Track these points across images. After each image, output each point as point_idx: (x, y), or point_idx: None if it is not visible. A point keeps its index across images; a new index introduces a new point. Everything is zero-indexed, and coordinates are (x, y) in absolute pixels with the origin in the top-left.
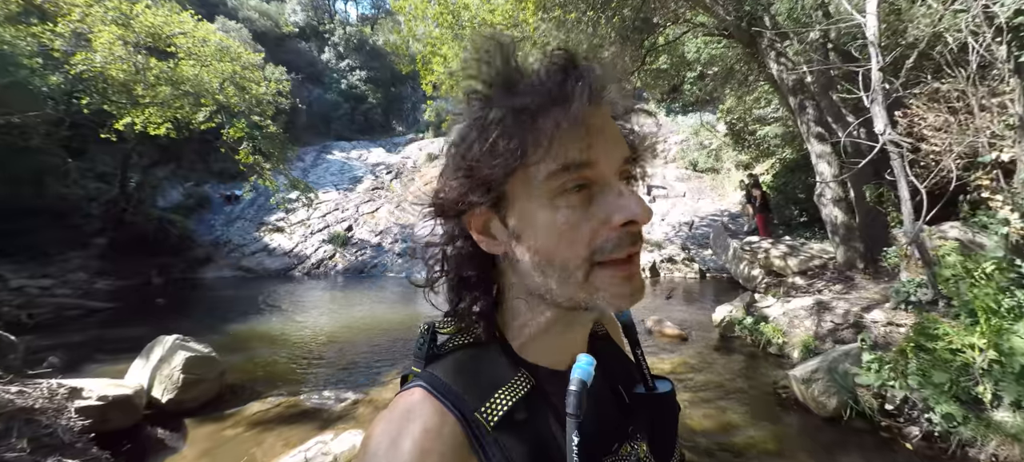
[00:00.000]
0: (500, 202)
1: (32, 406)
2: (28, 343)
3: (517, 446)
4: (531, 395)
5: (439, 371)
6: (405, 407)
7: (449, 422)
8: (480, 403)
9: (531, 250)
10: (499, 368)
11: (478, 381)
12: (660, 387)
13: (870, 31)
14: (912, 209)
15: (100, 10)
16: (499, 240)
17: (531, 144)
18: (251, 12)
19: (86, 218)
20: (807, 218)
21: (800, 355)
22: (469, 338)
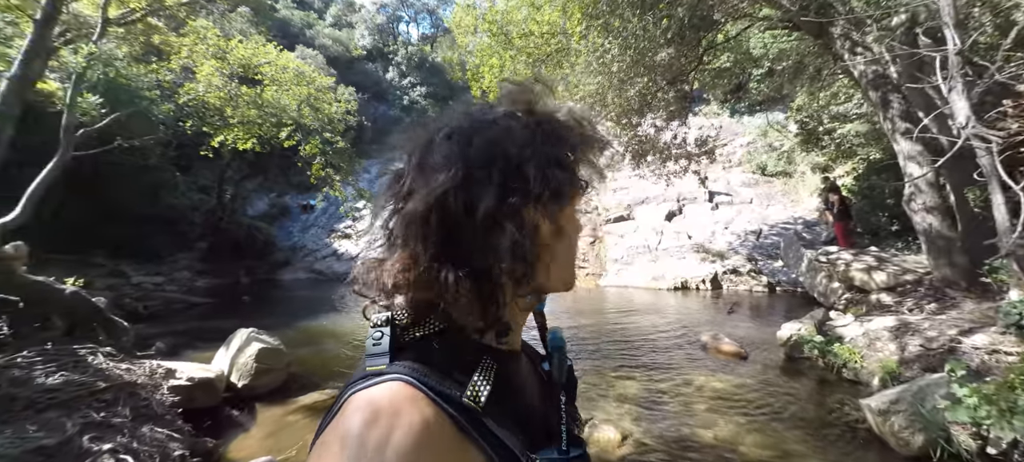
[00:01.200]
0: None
1: (135, 382)
2: (140, 329)
3: (503, 421)
4: (500, 375)
5: (412, 363)
6: (390, 403)
7: (438, 414)
8: (462, 388)
9: (550, 264)
10: (466, 353)
11: (453, 368)
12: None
13: (944, 11)
14: (1007, 214)
15: (203, 47)
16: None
17: (595, 181)
18: (325, 39)
19: (190, 225)
20: (899, 226)
21: (880, 382)
22: (431, 328)
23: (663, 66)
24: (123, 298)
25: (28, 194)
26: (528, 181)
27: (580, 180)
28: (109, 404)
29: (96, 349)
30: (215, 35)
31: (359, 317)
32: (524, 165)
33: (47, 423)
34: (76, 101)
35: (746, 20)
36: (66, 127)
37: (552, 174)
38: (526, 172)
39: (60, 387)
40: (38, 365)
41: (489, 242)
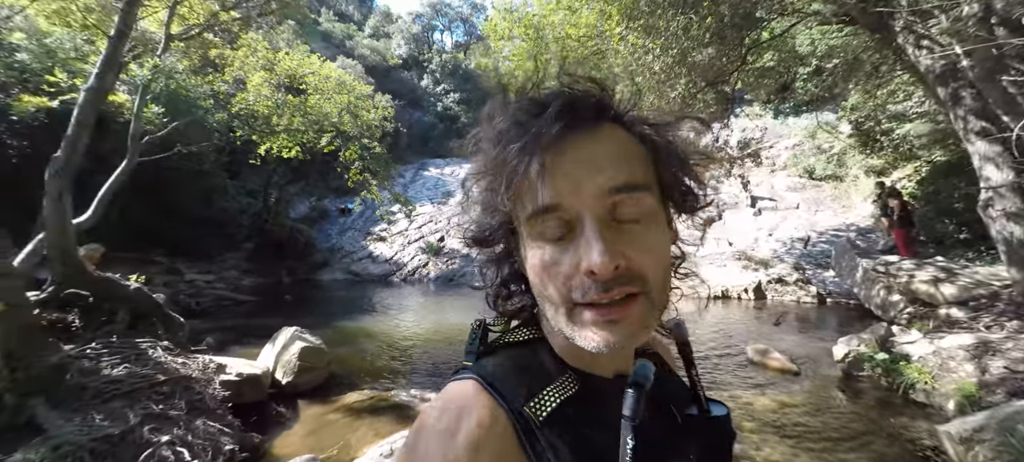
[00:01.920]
0: (515, 232)
1: (190, 376)
2: (193, 325)
3: (564, 443)
4: (578, 397)
5: (490, 366)
6: (460, 399)
7: (500, 416)
8: (529, 399)
9: (530, 279)
10: (547, 368)
11: (527, 378)
12: (715, 410)
13: None
14: None
15: (253, 59)
16: (517, 259)
17: (504, 189)
18: (364, 49)
19: (238, 227)
20: (969, 235)
21: (957, 407)
22: (518, 337)
23: (703, 66)
24: (178, 295)
25: (99, 197)
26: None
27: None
28: (167, 396)
29: (156, 343)
30: (265, 48)
31: (395, 319)
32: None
33: (112, 413)
34: (142, 111)
35: (794, 16)
36: (133, 135)
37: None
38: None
39: (123, 378)
40: (104, 357)
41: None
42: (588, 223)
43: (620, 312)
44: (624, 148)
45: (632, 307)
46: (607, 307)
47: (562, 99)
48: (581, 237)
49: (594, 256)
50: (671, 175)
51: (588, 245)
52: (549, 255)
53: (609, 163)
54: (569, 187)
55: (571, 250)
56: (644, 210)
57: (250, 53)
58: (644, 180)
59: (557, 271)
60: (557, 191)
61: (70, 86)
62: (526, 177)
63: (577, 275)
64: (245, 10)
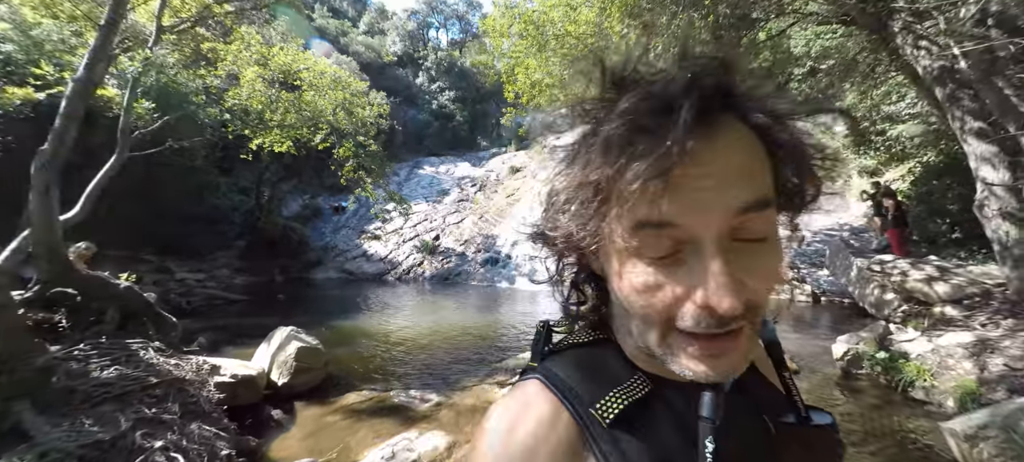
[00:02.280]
0: (600, 236)
1: (184, 378)
2: (185, 325)
3: (635, 447)
4: (648, 400)
5: (555, 366)
6: (522, 398)
7: (563, 416)
8: (595, 400)
9: (615, 290)
10: (614, 369)
11: (594, 379)
12: (817, 418)
13: None
14: None
15: (247, 54)
16: (595, 264)
17: (616, 201)
18: (359, 46)
19: (230, 225)
20: (961, 234)
21: (956, 404)
22: (585, 338)
23: None
24: (168, 294)
25: (87, 192)
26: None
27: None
28: (160, 400)
29: (147, 344)
30: (258, 42)
31: (391, 318)
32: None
33: (102, 417)
34: (132, 105)
35: (791, 17)
36: (123, 129)
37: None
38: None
39: (114, 381)
40: (94, 358)
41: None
42: (710, 249)
43: (725, 345)
44: (751, 153)
45: (739, 339)
46: (713, 340)
47: (692, 101)
48: (698, 263)
49: (719, 295)
50: (791, 181)
51: (710, 277)
52: (651, 277)
53: (739, 176)
54: (693, 205)
55: (681, 274)
56: (767, 228)
57: (243, 47)
58: (771, 193)
59: (661, 294)
60: (678, 208)
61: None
62: (641, 183)
63: (684, 302)
64: (239, 3)
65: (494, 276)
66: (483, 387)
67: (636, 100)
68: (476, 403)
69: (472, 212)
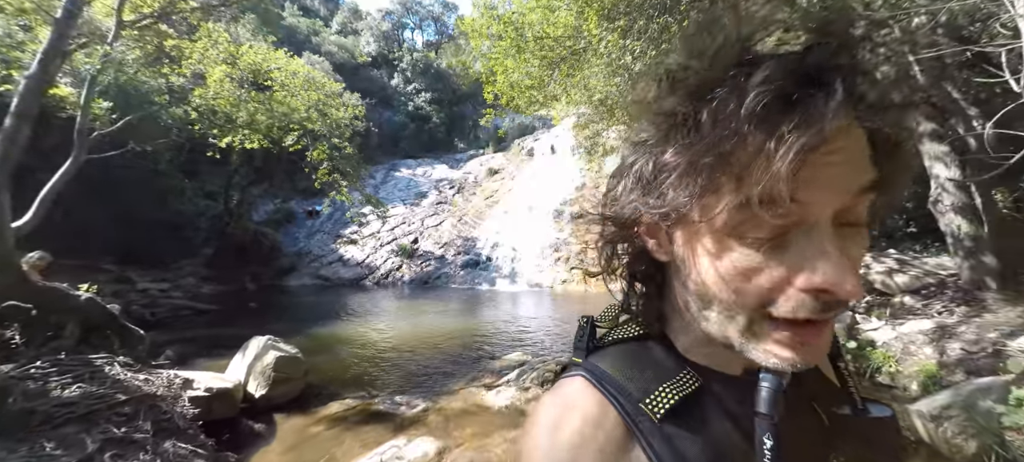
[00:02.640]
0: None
1: (155, 393)
2: (150, 338)
3: (687, 442)
4: (699, 395)
5: (601, 362)
6: (567, 394)
7: (610, 412)
8: (644, 395)
9: (691, 279)
10: (663, 364)
11: (641, 374)
12: (874, 411)
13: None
14: None
15: (214, 52)
16: (665, 249)
17: (751, 171)
18: (332, 46)
19: (196, 231)
20: (916, 228)
21: (920, 387)
22: (630, 333)
23: None
24: (130, 305)
25: (41, 197)
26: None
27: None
28: (129, 418)
29: (112, 359)
30: (226, 40)
31: (371, 324)
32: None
33: (65, 439)
34: (90, 104)
35: None
36: (79, 130)
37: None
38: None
39: (77, 400)
40: (53, 376)
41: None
42: (827, 231)
43: (818, 332)
44: (861, 136)
45: (828, 327)
46: (806, 326)
47: (843, 74)
48: (810, 246)
49: (842, 277)
50: (889, 179)
51: (826, 259)
52: (752, 259)
53: (862, 156)
54: (824, 183)
55: (787, 255)
56: (864, 213)
57: (210, 45)
58: (878, 176)
59: (760, 278)
60: (808, 187)
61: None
62: (772, 158)
63: (788, 287)
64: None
65: (474, 278)
66: (470, 390)
67: (781, 68)
68: (465, 406)
69: (451, 214)
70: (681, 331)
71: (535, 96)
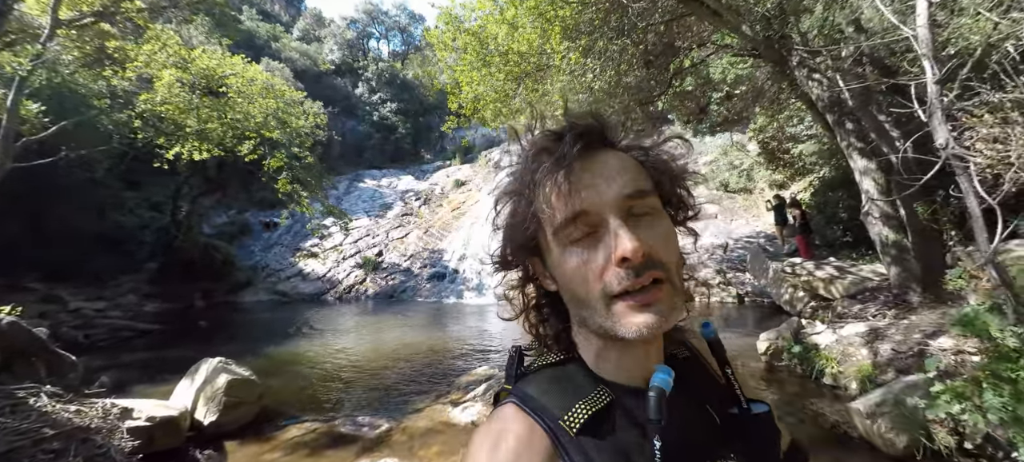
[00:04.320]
0: (540, 252)
1: (88, 426)
2: (84, 363)
3: (599, 451)
4: (611, 408)
5: (526, 388)
6: (500, 420)
7: (537, 431)
8: (562, 413)
9: (563, 288)
10: (579, 384)
11: (561, 395)
12: (756, 408)
13: (922, 44)
14: (984, 226)
15: (162, 56)
16: (550, 281)
17: (540, 207)
18: (293, 52)
19: (139, 245)
20: (852, 238)
21: (858, 386)
22: (551, 359)
23: (635, 88)
24: (60, 327)
25: None
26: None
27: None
28: (58, 454)
29: (38, 389)
30: (177, 43)
31: (332, 342)
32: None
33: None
34: (17, 108)
35: (710, 47)
36: (5, 135)
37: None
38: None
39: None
40: None
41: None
42: (613, 220)
43: (652, 296)
44: (627, 164)
45: (661, 291)
46: (641, 293)
47: (575, 129)
48: (608, 233)
49: (626, 243)
50: (666, 187)
51: (618, 236)
52: (580, 256)
53: (621, 175)
54: (593, 194)
55: (601, 247)
56: (654, 207)
57: (159, 48)
58: (649, 186)
59: (591, 268)
60: (584, 198)
61: None
62: (554, 190)
63: (610, 267)
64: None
65: (441, 291)
66: (436, 408)
67: (540, 136)
68: (430, 424)
69: (417, 226)
70: (586, 349)
71: (500, 109)
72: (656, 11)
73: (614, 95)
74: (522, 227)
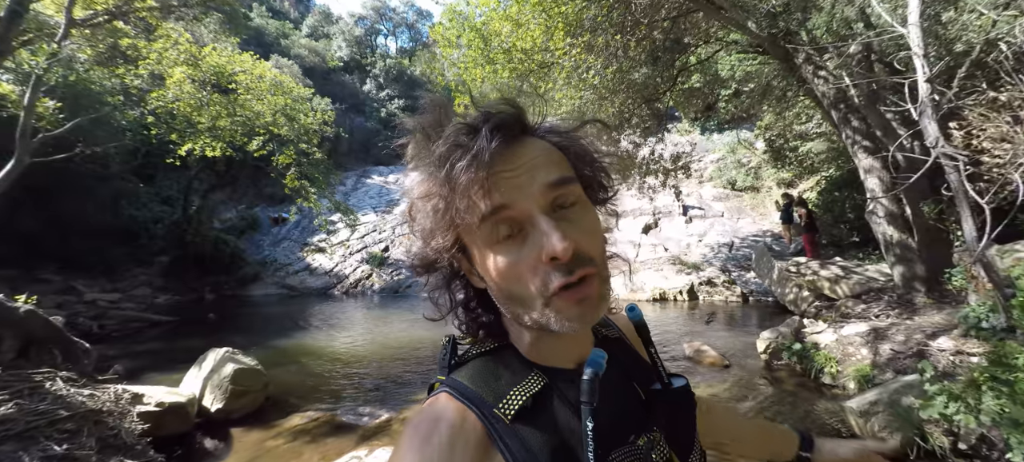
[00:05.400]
0: (464, 249)
1: (101, 409)
2: (98, 352)
3: (535, 436)
4: (545, 391)
5: (460, 376)
6: (432, 411)
7: (470, 419)
8: (497, 400)
9: (494, 287)
10: (513, 370)
11: (495, 382)
12: (675, 383)
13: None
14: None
15: (173, 53)
16: (473, 274)
17: (458, 202)
18: (301, 49)
19: (152, 238)
20: (859, 238)
21: (856, 386)
22: (485, 347)
23: (639, 85)
24: (76, 317)
25: None
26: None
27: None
28: (72, 435)
29: (54, 374)
30: (187, 40)
31: (337, 335)
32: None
33: (1, 458)
34: (34, 105)
35: (716, 44)
36: (23, 132)
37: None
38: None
39: (14, 417)
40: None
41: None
42: (539, 217)
43: (584, 291)
44: (549, 153)
45: (592, 285)
46: (572, 289)
47: (491, 120)
48: (535, 231)
49: (554, 242)
50: (586, 172)
51: (546, 235)
52: (509, 255)
53: (541, 165)
54: (514, 189)
55: (528, 245)
56: (578, 197)
57: (170, 45)
58: (571, 173)
59: (520, 267)
60: (505, 194)
61: None
62: (473, 187)
63: (540, 266)
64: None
65: None
66: None
67: (452, 130)
68: None
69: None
70: (517, 338)
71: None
72: (662, 7)
73: (618, 92)
74: (443, 229)
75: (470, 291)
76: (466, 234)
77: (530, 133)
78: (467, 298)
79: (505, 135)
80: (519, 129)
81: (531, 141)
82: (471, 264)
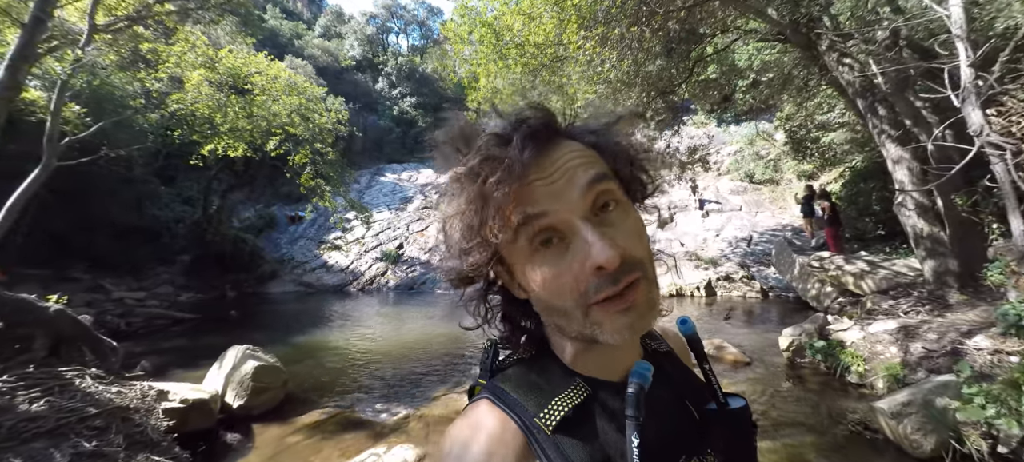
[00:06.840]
0: (503, 262)
1: (128, 406)
2: (125, 349)
3: (576, 449)
4: (588, 403)
5: (502, 383)
6: (473, 416)
7: (511, 428)
8: (539, 410)
9: (535, 299)
10: (555, 379)
11: (537, 391)
12: (733, 403)
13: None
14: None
15: (191, 56)
16: (519, 289)
17: (492, 217)
18: (315, 49)
19: (174, 238)
20: (885, 231)
21: (885, 385)
22: (527, 353)
23: (654, 77)
24: (104, 315)
25: (8, 207)
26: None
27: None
28: (101, 431)
29: (83, 371)
30: (204, 43)
31: (354, 331)
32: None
33: (33, 455)
34: (60, 110)
35: (734, 33)
36: (49, 136)
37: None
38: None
39: (45, 414)
40: (20, 390)
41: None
42: (580, 225)
43: (630, 298)
44: (581, 153)
45: (639, 291)
46: (619, 297)
47: (522, 128)
48: (577, 239)
49: (599, 252)
50: (624, 169)
51: (589, 244)
52: (552, 265)
53: (577, 167)
54: (552, 197)
55: (570, 254)
56: (617, 196)
57: (188, 49)
58: (608, 170)
59: (563, 278)
60: (542, 202)
61: None
62: (508, 201)
63: (584, 276)
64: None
65: None
66: (452, 396)
67: (484, 142)
68: (446, 413)
69: (436, 219)
70: (559, 347)
71: (517, 102)
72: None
73: (632, 85)
74: (479, 246)
75: (509, 301)
76: (504, 247)
77: (563, 135)
78: (506, 308)
79: (538, 142)
80: (551, 133)
81: (564, 143)
82: (511, 276)
